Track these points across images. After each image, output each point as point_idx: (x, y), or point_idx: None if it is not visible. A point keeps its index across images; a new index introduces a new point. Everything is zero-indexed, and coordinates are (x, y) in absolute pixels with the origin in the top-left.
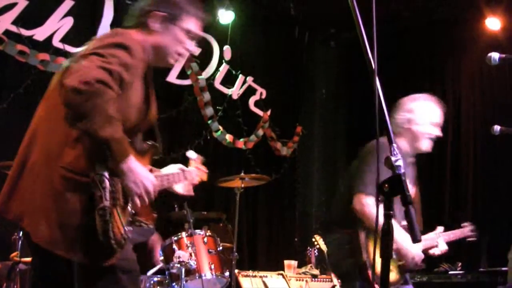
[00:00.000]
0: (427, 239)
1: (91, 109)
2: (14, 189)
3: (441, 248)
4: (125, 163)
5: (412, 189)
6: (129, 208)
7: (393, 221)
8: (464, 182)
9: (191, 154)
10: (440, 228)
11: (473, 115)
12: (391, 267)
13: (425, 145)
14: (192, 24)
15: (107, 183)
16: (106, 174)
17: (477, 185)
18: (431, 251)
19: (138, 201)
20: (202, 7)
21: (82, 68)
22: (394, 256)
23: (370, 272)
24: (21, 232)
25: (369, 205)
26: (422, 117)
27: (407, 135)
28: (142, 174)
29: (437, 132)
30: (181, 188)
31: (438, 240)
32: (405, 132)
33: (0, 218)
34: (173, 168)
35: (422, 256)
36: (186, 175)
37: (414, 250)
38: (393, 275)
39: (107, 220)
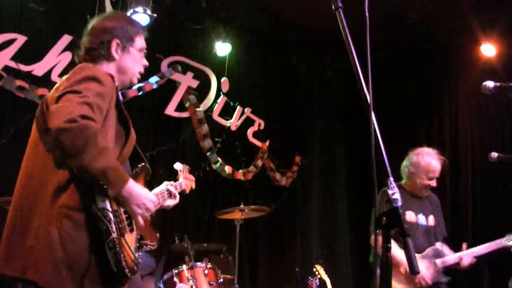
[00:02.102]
0: (450, 259)
1: (82, 144)
2: (13, 245)
3: (464, 264)
4: (124, 189)
5: (427, 218)
6: (135, 233)
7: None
8: (463, 209)
9: (177, 166)
10: (464, 246)
11: (471, 142)
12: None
13: (422, 192)
14: (141, 41)
15: (110, 215)
16: (108, 206)
17: (476, 212)
18: (458, 267)
19: (142, 222)
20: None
21: (62, 109)
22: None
23: None
24: None
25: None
26: (423, 171)
27: (411, 182)
28: (143, 195)
29: (433, 184)
30: (171, 201)
31: (463, 257)
32: (409, 179)
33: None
34: (162, 186)
35: (425, 276)
36: (177, 188)
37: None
38: None
39: (118, 251)
